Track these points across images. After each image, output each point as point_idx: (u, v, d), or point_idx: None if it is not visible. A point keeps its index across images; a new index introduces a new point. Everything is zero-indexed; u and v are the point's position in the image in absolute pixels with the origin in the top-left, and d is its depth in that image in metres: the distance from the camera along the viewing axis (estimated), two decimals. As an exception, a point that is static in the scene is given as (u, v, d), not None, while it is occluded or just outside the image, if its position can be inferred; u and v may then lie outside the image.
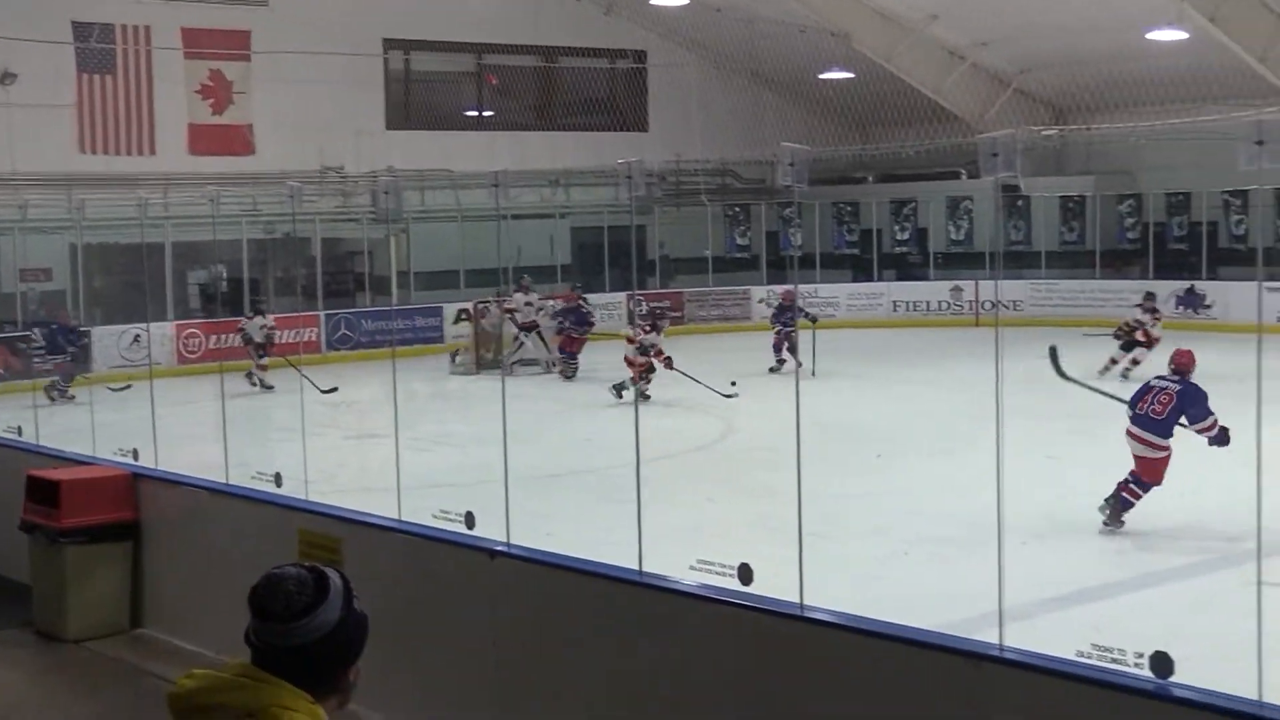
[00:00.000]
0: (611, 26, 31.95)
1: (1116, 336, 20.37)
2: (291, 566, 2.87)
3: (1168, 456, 10.47)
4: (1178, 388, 10.74)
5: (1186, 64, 26.46)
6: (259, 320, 21.57)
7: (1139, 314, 20.60)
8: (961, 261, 30.97)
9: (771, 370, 20.65)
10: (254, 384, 20.60)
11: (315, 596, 2.81)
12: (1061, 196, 30.88)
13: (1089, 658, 4.23)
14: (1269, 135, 3.98)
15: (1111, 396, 12.05)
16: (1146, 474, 10.44)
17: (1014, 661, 4.43)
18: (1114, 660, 4.16)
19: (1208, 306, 26.43)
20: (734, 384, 17.60)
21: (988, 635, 4.65)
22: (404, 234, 28.17)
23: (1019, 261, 30.64)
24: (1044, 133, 27.67)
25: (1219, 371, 16.03)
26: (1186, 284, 27.53)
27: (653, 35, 32.50)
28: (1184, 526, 10.60)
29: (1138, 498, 10.39)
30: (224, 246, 24.63)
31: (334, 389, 17.30)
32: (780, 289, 24.72)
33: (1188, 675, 4.02)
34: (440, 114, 31.51)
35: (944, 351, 20.10)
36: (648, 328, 18.61)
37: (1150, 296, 21.59)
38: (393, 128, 29.75)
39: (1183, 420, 10.42)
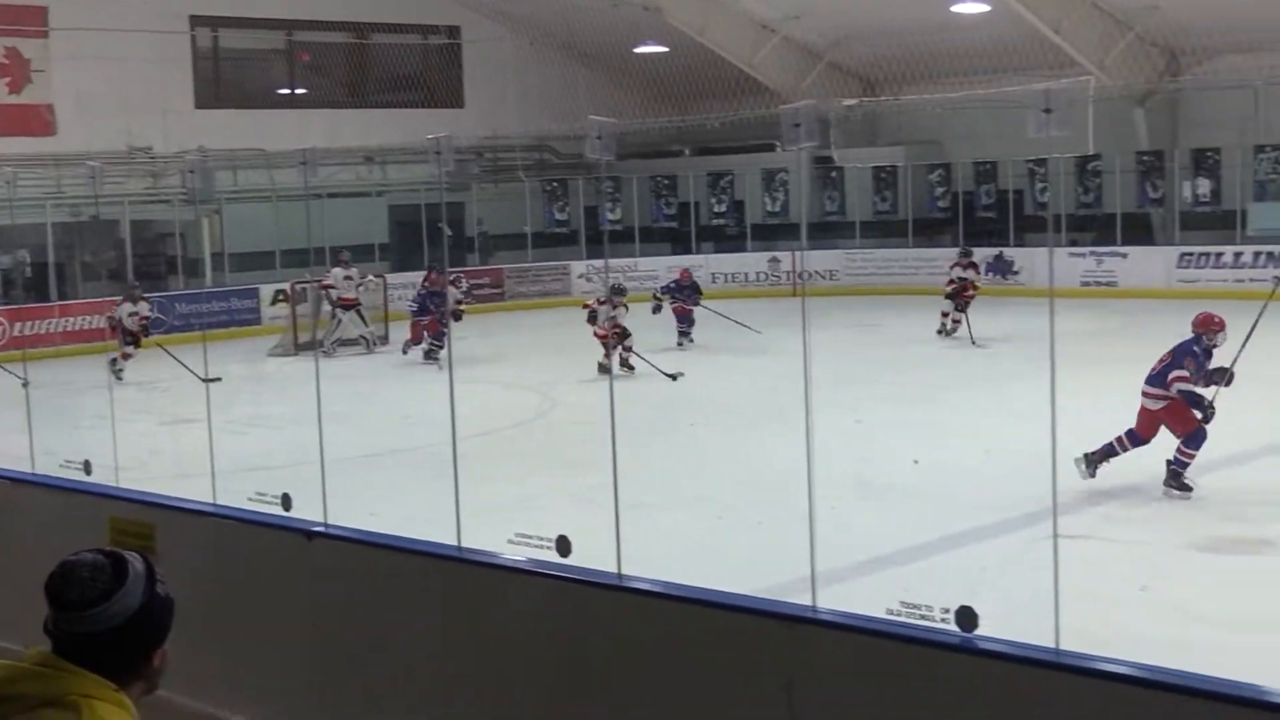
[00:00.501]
0: (424, 2, 31.69)
1: (950, 297, 21.04)
2: (89, 553, 2.81)
3: (1165, 409, 10.82)
4: (1178, 344, 11.11)
5: (989, 36, 27.08)
6: (128, 307, 20.30)
7: (960, 270, 21.24)
8: (778, 233, 31.37)
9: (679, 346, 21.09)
10: (116, 373, 18.87)
11: (112, 583, 2.75)
12: (874, 167, 31.43)
13: (899, 615, 4.33)
14: (1055, 103, 4.11)
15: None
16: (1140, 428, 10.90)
17: (827, 622, 4.52)
18: (922, 617, 4.28)
19: (1015, 272, 27.15)
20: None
21: (803, 598, 4.73)
22: (216, 215, 27.66)
23: (834, 232, 31.15)
24: (845, 103, 28.16)
25: (1024, 333, 16.61)
26: (995, 250, 28.23)
27: (466, 10, 32.31)
28: (985, 486, 10.95)
29: (1124, 450, 10.87)
30: (26, 230, 23.95)
31: (217, 378, 17.04)
32: (678, 267, 24.27)
33: (991, 628, 4.14)
34: (251, 92, 30.99)
35: (762, 321, 20.34)
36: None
37: (968, 253, 22.35)
38: (202, 106, 29.17)
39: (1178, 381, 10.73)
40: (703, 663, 4.82)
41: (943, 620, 4.22)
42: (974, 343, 20.13)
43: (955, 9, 26.96)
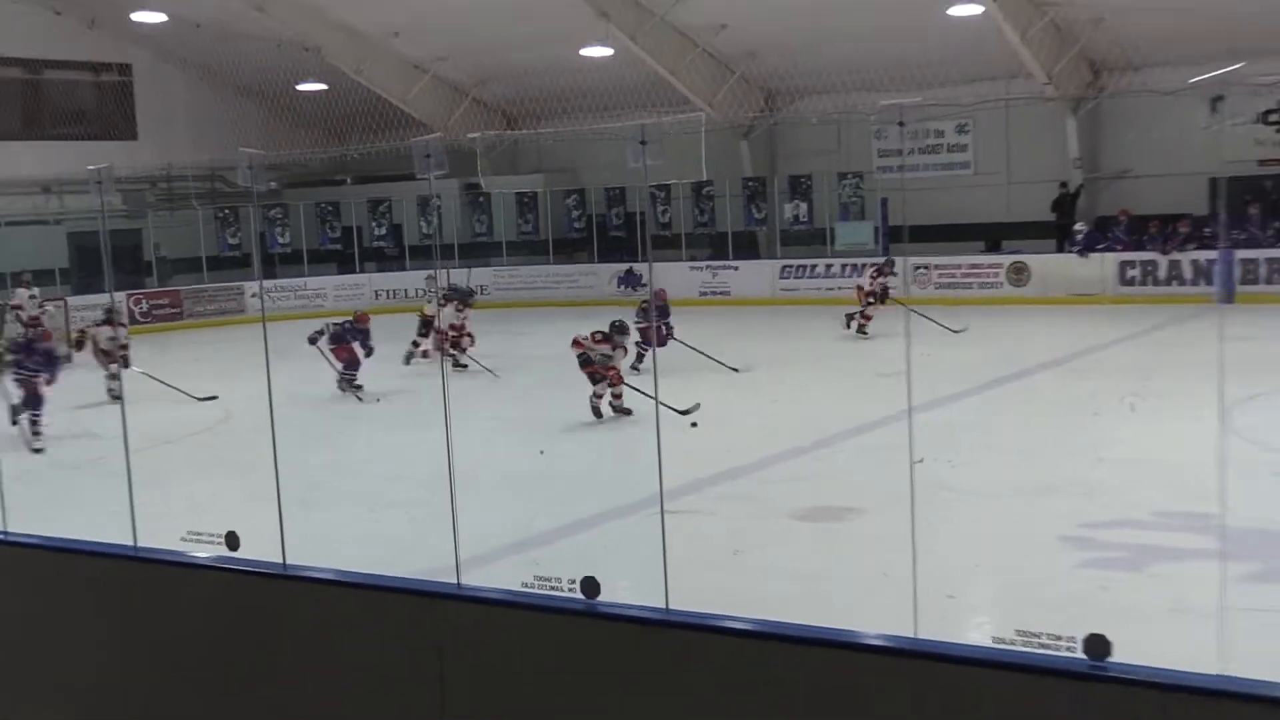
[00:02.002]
0: (97, 40, 30.37)
1: (876, 302, 20.90)
2: None
3: None
4: None
5: (615, 77, 27.66)
6: (106, 330, 17.75)
7: (884, 279, 21.18)
8: (433, 253, 31.35)
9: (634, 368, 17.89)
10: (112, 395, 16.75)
11: None
12: (517, 193, 31.64)
13: (532, 587, 4.40)
14: (650, 136, 4.25)
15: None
16: None
17: (470, 596, 4.56)
18: (552, 588, 4.36)
19: (644, 285, 27.71)
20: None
21: (449, 578, 4.76)
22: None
23: (483, 251, 31.26)
24: (470, 136, 28.43)
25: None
26: (625, 266, 28.82)
27: (137, 49, 31.12)
28: (609, 472, 11.23)
29: None
30: None
31: (214, 396, 15.91)
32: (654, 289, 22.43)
33: (613, 596, 4.25)
34: (-75, 125, 29.17)
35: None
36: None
37: (891, 263, 22.31)
38: (-117, 140, 27.33)
39: None
40: (362, 640, 4.79)
41: (570, 589, 4.31)
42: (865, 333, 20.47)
43: (584, 52, 27.40)
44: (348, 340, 16.70)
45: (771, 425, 13.67)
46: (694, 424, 12.73)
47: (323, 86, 30.59)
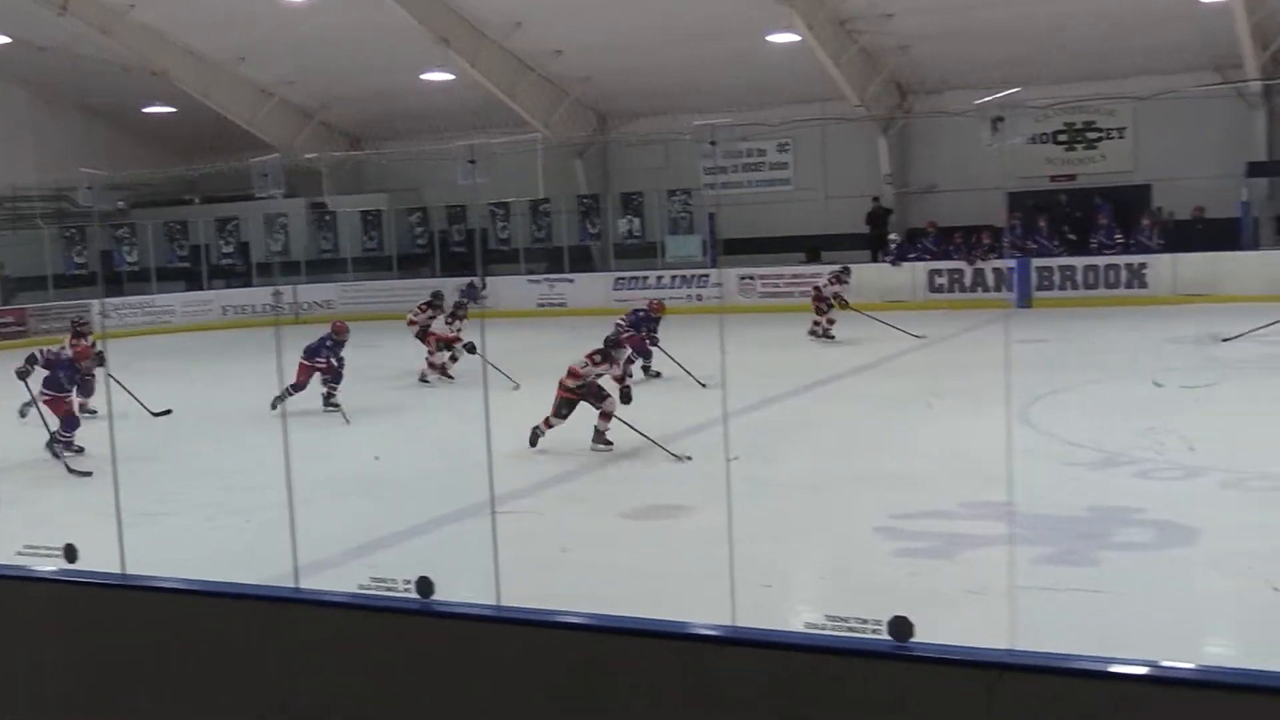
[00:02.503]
0: (-63, 63, 29.25)
1: (822, 310, 20.70)
2: None
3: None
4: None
5: (455, 99, 27.53)
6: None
7: (836, 286, 20.92)
8: (280, 269, 30.78)
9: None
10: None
11: None
12: (362, 211, 31.26)
13: (369, 589, 4.34)
14: (479, 155, 4.23)
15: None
16: None
17: (307, 600, 4.48)
18: (388, 589, 4.30)
19: (484, 297, 27.57)
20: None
21: (290, 584, 4.67)
22: None
23: (330, 267, 30.79)
24: (307, 156, 28.11)
25: (493, 345, 16.97)
26: (467, 280, 28.60)
27: (-21, 70, 30.07)
28: (428, 476, 11.18)
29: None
30: None
31: (168, 411, 14.79)
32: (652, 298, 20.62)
33: (448, 595, 4.21)
34: None
35: (263, 347, 19.87)
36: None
37: (847, 269, 21.93)
38: None
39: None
40: (203, 646, 4.67)
41: (405, 589, 4.25)
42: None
43: (425, 76, 27.22)
44: (323, 355, 15.51)
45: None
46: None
47: (170, 109, 29.86)
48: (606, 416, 12.06)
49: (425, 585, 4.22)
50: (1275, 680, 2.97)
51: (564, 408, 12.12)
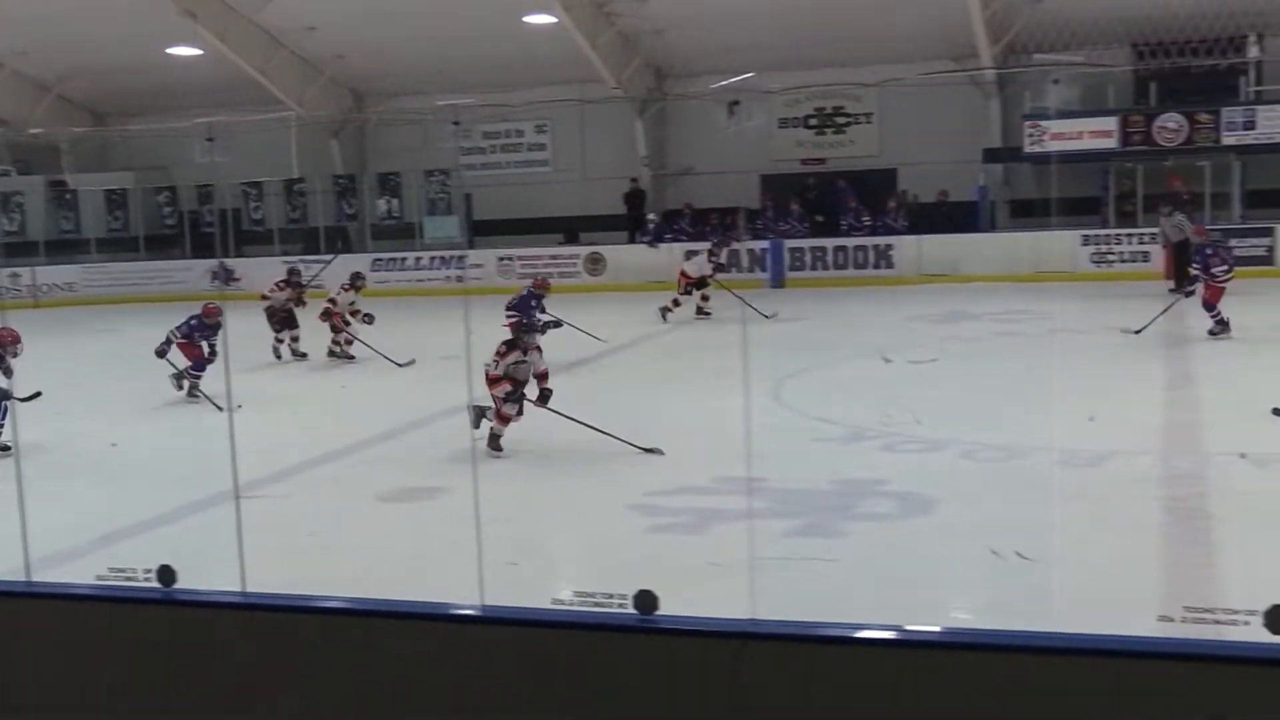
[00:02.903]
0: None
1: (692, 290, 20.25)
2: None
3: None
4: None
5: (206, 75, 26.64)
6: None
7: (706, 269, 20.43)
8: (16, 250, 29.21)
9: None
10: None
11: None
12: (106, 190, 29.99)
13: (106, 579, 4.20)
14: (218, 133, 4.13)
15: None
16: None
17: (40, 594, 4.32)
18: (128, 578, 4.16)
19: (237, 279, 26.80)
20: None
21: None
22: None
23: (71, 248, 29.44)
24: (32, 131, 27.04)
25: (246, 331, 16.57)
26: (215, 261, 27.81)
27: None
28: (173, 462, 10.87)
29: None
30: None
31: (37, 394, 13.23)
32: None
33: (192, 583, 4.10)
34: None
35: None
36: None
37: (725, 241, 21.43)
38: None
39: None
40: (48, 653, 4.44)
41: (146, 579, 4.13)
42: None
43: (171, 51, 26.30)
44: (196, 338, 14.51)
45: (365, 410, 13.56)
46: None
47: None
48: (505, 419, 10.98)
49: (167, 574, 4.10)
50: (1003, 639, 3.16)
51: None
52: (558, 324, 14.56)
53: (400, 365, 16.03)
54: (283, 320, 17.45)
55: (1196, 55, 24.29)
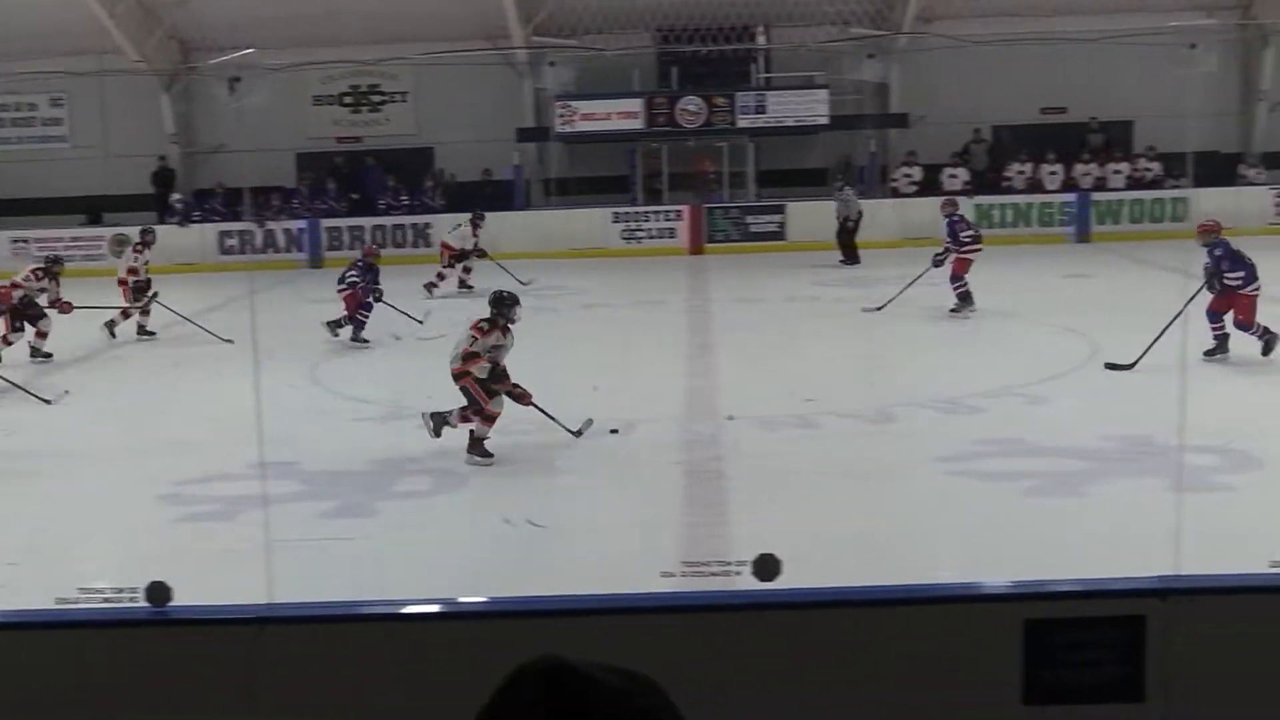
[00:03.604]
0: None
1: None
2: None
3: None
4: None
5: (44, 16, 23.51)
6: None
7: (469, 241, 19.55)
8: None
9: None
10: None
11: None
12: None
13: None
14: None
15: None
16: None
17: None
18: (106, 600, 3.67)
19: None
20: None
21: None
22: None
23: None
24: None
25: None
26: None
27: None
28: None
29: None
30: None
31: None
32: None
33: None
34: None
35: None
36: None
37: (482, 216, 20.24)
38: None
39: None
40: None
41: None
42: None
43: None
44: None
45: None
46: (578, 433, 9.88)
47: None
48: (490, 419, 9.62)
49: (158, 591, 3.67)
50: (514, 605, 3.33)
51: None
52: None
53: None
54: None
55: (716, 42, 25.78)
